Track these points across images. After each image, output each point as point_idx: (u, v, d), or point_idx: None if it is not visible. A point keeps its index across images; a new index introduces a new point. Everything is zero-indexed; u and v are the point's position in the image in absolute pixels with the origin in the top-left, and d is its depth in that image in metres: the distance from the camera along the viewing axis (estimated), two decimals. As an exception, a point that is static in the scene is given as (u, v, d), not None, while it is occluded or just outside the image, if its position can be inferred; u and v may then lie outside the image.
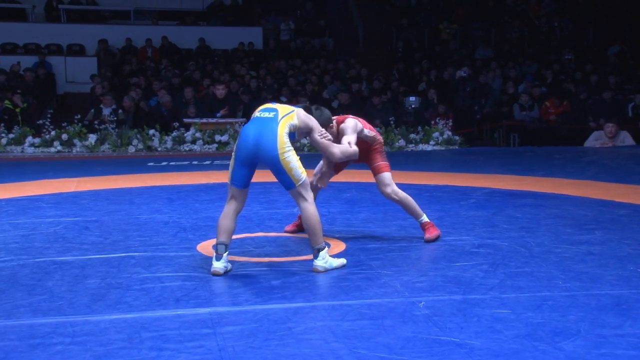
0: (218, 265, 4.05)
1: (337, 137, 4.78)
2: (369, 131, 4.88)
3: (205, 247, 4.71)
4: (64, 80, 15.38)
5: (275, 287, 3.81)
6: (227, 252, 4.10)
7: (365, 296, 3.65)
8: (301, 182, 4.08)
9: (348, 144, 4.52)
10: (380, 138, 5.03)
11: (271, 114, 4.16)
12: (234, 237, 4.98)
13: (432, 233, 4.90)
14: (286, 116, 4.17)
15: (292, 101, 12.54)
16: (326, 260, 4.11)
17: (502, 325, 3.17)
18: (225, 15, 17.91)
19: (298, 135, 4.28)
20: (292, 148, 4.10)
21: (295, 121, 4.18)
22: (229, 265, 4.14)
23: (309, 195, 4.13)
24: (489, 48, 17.42)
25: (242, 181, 4.15)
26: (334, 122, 4.79)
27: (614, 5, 18.36)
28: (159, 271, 4.10)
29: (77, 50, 16.27)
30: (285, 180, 4.09)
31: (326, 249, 4.15)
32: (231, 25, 17.55)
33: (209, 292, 3.70)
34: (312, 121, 4.32)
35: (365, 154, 4.90)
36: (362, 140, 4.81)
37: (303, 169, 4.11)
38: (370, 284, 3.87)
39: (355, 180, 7.22)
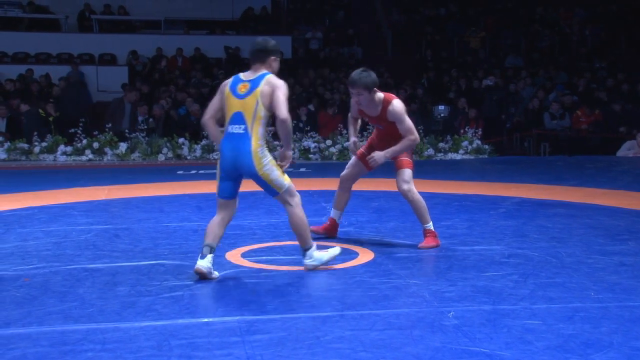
0: (201, 264, 4.09)
1: (382, 114, 4.81)
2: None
3: (234, 255, 4.73)
4: (96, 89, 15.57)
5: (304, 295, 3.81)
6: (212, 254, 4.13)
7: (394, 306, 3.63)
8: (284, 189, 4.22)
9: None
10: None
11: (241, 128, 4.14)
12: (262, 245, 5.03)
13: (429, 242, 4.91)
14: (255, 119, 4.11)
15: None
16: (313, 258, 4.31)
17: (533, 336, 3.14)
18: (255, 25, 18.02)
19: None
20: (269, 159, 4.16)
21: (262, 111, 4.11)
22: (214, 273, 4.15)
23: (294, 199, 4.26)
24: (519, 56, 17.30)
25: (227, 193, 4.27)
26: (382, 97, 4.81)
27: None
28: (188, 279, 4.12)
29: (108, 59, 16.50)
30: (268, 189, 4.23)
31: (314, 246, 4.33)
32: (261, 34, 17.62)
33: (238, 301, 3.71)
34: (276, 87, 4.12)
35: (391, 144, 4.88)
36: (395, 130, 4.84)
37: (285, 176, 4.23)
38: (399, 293, 3.85)
39: (384, 189, 7.19)
